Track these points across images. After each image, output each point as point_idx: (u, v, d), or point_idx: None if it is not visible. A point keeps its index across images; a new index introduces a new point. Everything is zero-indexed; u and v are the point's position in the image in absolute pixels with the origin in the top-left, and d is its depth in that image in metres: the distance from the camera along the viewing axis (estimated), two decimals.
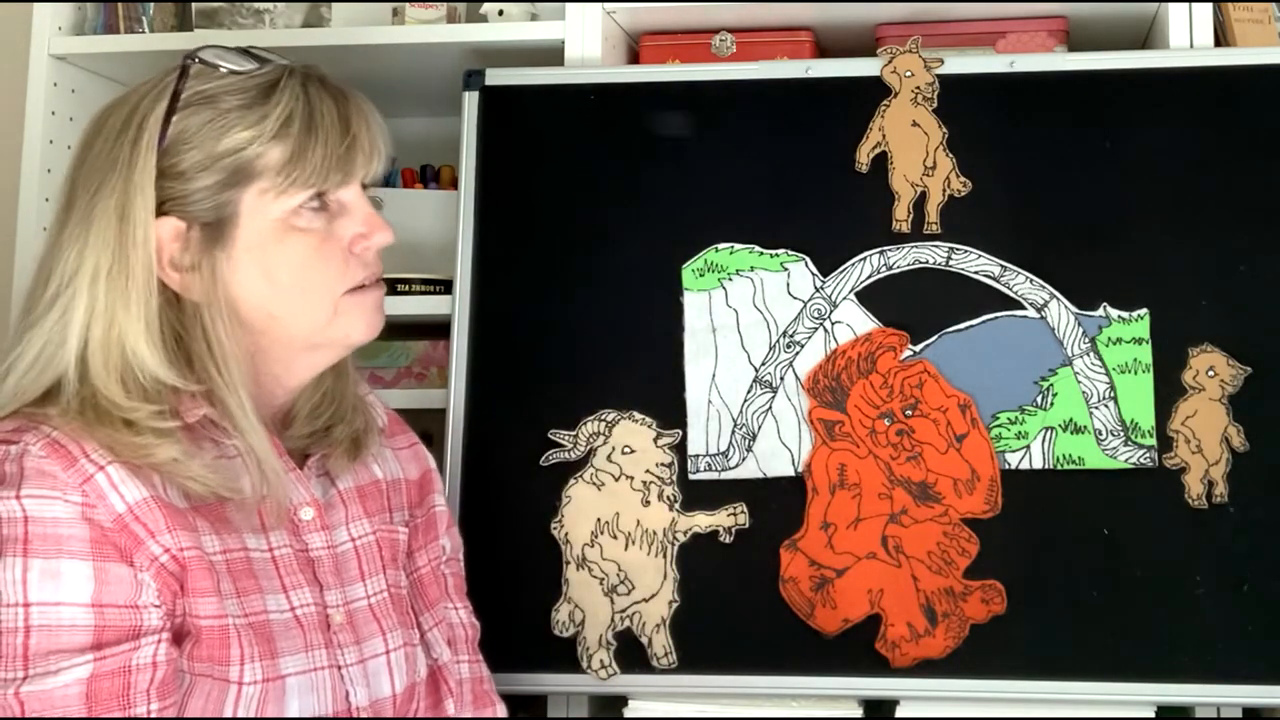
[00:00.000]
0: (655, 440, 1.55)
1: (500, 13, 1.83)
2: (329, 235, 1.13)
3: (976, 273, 1.54)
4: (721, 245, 1.58)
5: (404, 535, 1.27)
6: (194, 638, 1.04)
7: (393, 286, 1.77)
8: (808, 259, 1.57)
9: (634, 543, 1.53)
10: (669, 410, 1.56)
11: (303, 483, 1.17)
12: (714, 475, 1.54)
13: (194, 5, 1.95)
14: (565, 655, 1.51)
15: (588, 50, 1.72)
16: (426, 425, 1.84)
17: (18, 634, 0.97)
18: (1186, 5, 1.61)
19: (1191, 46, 1.60)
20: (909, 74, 1.57)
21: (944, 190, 1.55)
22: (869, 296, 1.55)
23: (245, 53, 1.15)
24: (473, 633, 1.34)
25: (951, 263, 1.55)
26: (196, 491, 1.07)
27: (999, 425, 1.51)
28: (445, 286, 1.73)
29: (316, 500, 1.17)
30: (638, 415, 1.56)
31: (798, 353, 1.55)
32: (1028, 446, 1.50)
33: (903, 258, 1.55)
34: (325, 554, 1.16)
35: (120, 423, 1.05)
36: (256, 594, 1.09)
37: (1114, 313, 1.51)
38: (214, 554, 1.07)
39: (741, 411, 1.55)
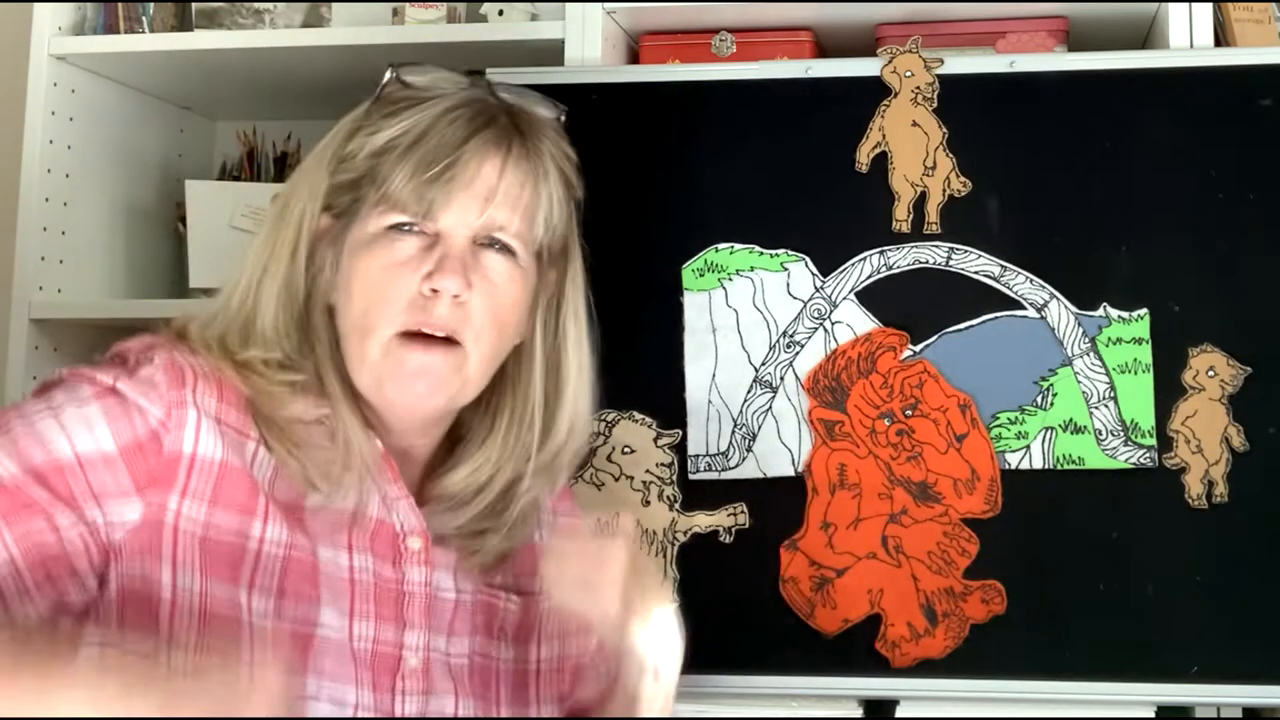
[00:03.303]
0: (655, 440, 1.55)
1: (500, 13, 1.83)
2: (409, 264, 1.08)
3: (976, 273, 1.54)
4: (721, 245, 1.58)
5: (511, 605, 1.19)
6: (198, 627, 1.00)
7: None
8: (808, 259, 1.56)
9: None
10: (669, 410, 1.56)
11: (415, 512, 1.12)
12: (714, 475, 1.54)
13: (194, 5, 1.95)
14: None
15: (588, 50, 1.72)
16: None
17: (16, 425, 1.00)
18: (1186, 5, 1.61)
19: (1191, 46, 1.60)
20: (909, 74, 1.57)
21: (944, 190, 1.55)
22: (869, 296, 1.55)
23: (464, 74, 1.14)
24: None
25: (951, 263, 1.55)
26: (293, 470, 1.05)
27: (999, 425, 1.51)
28: None
29: (427, 533, 1.12)
30: (638, 415, 1.56)
31: (798, 353, 1.55)
32: (1028, 446, 1.50)
33: (903, 258, 1.55)
34: (420, 591, 1.11)
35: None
36: (310, 601, 1.04)
37: (1114, 313, 1.51)
38: (273, 544, 1.04)
39: (741, 411, 1.55)
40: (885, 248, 1.56)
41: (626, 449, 1.55)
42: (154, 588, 1.01)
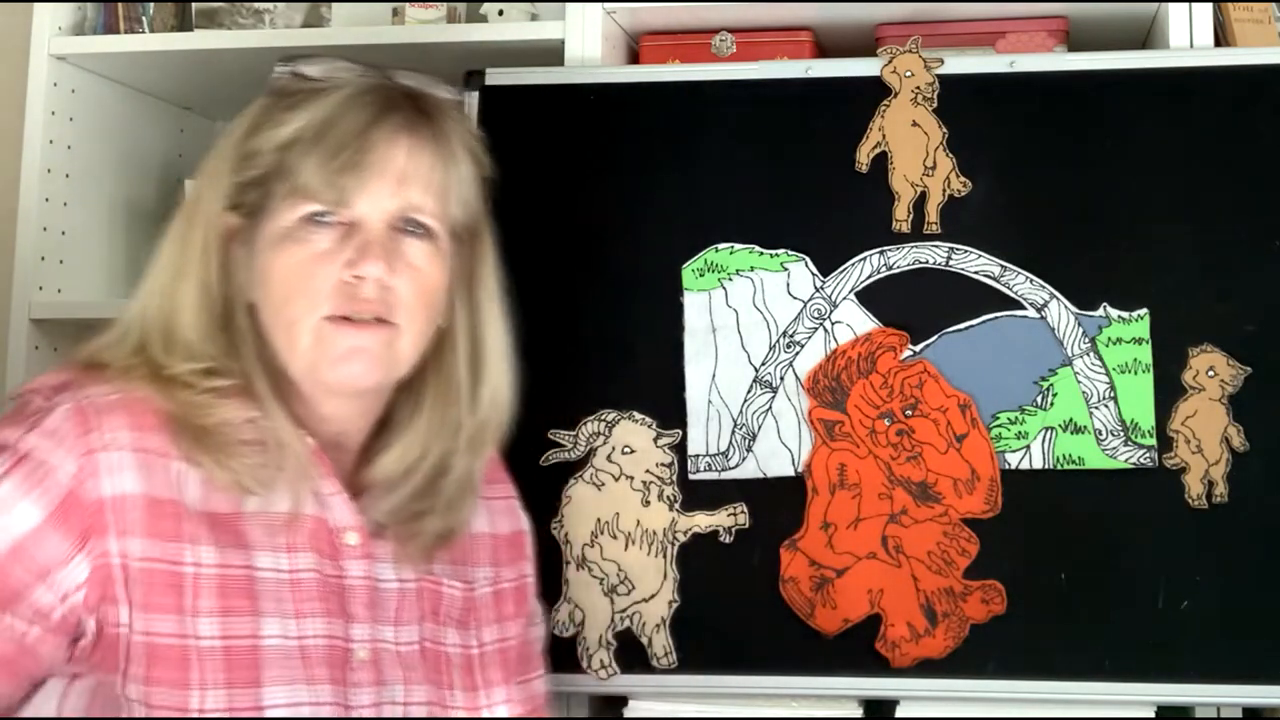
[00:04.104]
0: (655, 440, 1.55)
1: (500, 13, 1.83)
2: (329, 254, 1.08)
3: (976, 273, 1.54)
4: (721, 245, 1.58)
5: (453, 591, 1.19)
6: (146, 659, 1.01)
7: None
8: (808, 259, 1.57)
9: (634, 543, 1.53)
10: (669, 410, 1.56)
11: (349, 506, 1.12)
12: (714, 475, 1.54)
13: (194, 5, 1.95)
14: (565, 655, 1.51)
15: (588, 50, 1.72)
16: None
17: None
18: (1186, 5, 1.61)
19: (1191, 46, 1.60)
20: (909, 74, 1.57)
21: (944, 190, 1.55)
22: (869, 296, 1.55)
23: (360, 65, 1.13)
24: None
25: (951, 263, 1.55)
26: (223, 480, 1.05)
27: (999, 425, 1.51)
28: None
29: (364, 527, 1.12)
30: (638, 415, 1.56)
31: (798, 353, 1.55)
32: (1028, 446, 1.50)
33: (903, 258, 1.55)
34: (361, 585, 1.11)
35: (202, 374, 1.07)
36: (249, 615, 1.04)
37: (1114, 313, 1.51)
38: (207, 566, 1.03)
39: (741, 411, 1.55)
40: (885, 248, 1.56)
41: (626, 449, 1.55)
42: (115, 628, 1.01)
